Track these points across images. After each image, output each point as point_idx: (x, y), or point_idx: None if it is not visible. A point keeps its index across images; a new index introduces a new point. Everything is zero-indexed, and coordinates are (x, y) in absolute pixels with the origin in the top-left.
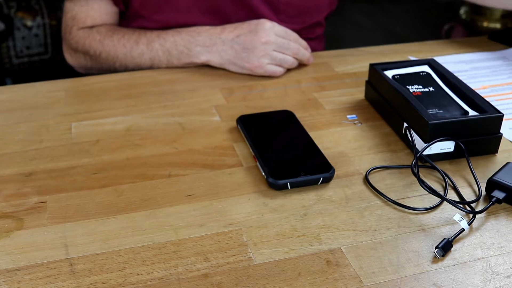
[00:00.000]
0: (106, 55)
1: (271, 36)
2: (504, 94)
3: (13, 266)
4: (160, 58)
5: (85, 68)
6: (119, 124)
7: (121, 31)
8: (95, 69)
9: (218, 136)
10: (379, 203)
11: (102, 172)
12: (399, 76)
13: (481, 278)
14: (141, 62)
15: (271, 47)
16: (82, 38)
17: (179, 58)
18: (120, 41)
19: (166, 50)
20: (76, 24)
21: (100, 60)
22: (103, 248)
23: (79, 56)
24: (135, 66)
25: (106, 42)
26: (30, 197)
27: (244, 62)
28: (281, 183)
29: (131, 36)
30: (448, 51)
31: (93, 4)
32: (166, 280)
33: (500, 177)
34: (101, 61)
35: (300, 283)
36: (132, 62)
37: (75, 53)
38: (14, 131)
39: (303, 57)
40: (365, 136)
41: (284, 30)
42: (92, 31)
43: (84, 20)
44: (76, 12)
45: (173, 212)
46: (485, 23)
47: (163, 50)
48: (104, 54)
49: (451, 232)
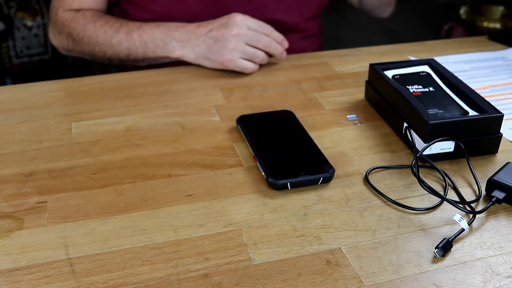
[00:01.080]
0: (87, 40)
1: (242, 29)
2: (504, 94)
3: (13, 266)
4: (137, 49)
5: (67, 50)
6: (119, 124)
7: (105, 18)
8: (76, 52)
9: (218, 136)
10: (379, 203)
11: (102, 172)
12: (399, 76)
13: (481, 278)
14: (119, 51)
15: (242, 40)
16: (67, 20)
17: (154, 52)
18: (102, 27)
19: (143, 42)
20: (62, 6)
21: (81, 44)
22: (103, 248)
23: (63, 38)
24: (113, 53)
25: (89, 26)
26: (30, 197)
27: (216, 55)
28: (281, 183)
29: (113, 24)
30: (448, 51)
31: None
32: (166, 280)
33: (500, 177)
34: (83, 45)
35: (300, 283)
36: (111, 50)
37: (59, 34)
38: (14, 131)
39: (275, 51)
40: (365, 136)
41: (256, 23)
42: (77, 14)
43: (70, 2)
44: None
45: (173, 212)
46: (485, 23)
47: (141, 42)
48: (86, 38)
49: (451, 232)
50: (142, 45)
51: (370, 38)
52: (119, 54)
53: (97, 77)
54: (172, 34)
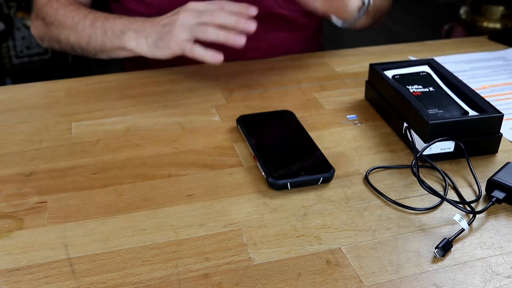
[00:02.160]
0: (57, 24)
1: (191, 12)
2: (504, 94)
3: (13, 266)
4: (97, 36)
5: (41, 37)
6: (119, 124)
7: (77, 5)
8: (47, 38)
9: (218, 136)
10: (379, 203)
11: (102, 172)
12: (399, 76)
13: (481, 278)
14: (81, 37)
15: (189, 20)
16: (43, 5)
17: (111, 41)
18: (71, 13)
19: (104, 30)
20: None
21: (51, 28)
22: (103, 248)
23: (38, 24)
24: (75, 40)
25: (60, 11)
26: (30, 197)
27: (165, 41)
28: (281, 183)
29: (82, 11)
30: (448, 51)
31: None
32: (166, 280)
33: (500, 177)
34: (52, 30)
35: (300, 283)
36: (74, 35)
37: (36, 19)
38: (14, 131)
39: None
40: (365, 136)
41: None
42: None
43: None
44: None
45: (173, 212)
46: (485, 23)
47: (102, 30)
48: (56, 22)
49: (451, 232)
50: (102, 33)
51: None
52: (80, 41)
53: (97, 77)
54: (131, 24)
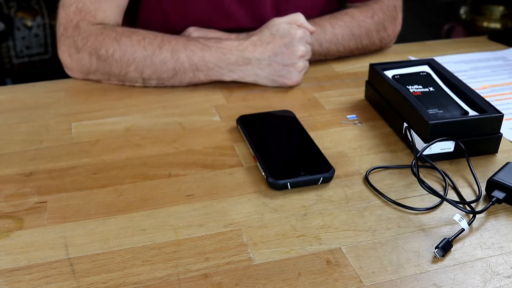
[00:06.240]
0: (120, 55)
1: (305, 47)
2: (504, 94)
3: (13, 266)
4: (185, 70)
5: (87, 72)
6: (119, 124)
7: (140, 33)
8: (99, 73)
9: (218, 136)
10: (379, 203)
11: (102, 172)
12: (399, 76)
13: (481, 278)
14: (162, 70)
15: (306, 59)
16: (94, 34)
17: (207, 75)
18: (140, 43)
19: (193, 64)
20: (84, 18)
21: (111, 61)
22: (103, 248)
23: (83, 57)
24: (152, 73)
25: (124, 41)
26: (30, 197)
27: (284, 79)
28: (281, 183)
29: (152, 40)
30: (448, 51)
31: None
32: (166, 280)
33: (500, 177)
34: (112, 63)
35: (300, 283)
36: (151, 68)
37: (78, 52)
38: (14, 131)
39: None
40: (365, 136)
41: (308, 34)
42: (106, 27)
43: (94, 13)
44: (84, 4)
45: (173, 212)
46: (485, 23)
47: (190, 64)
48: (119, 53)
49: (451, 232)
50: (192, 67)
51: None
52: (161, 74)
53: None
54: (227, 58)
